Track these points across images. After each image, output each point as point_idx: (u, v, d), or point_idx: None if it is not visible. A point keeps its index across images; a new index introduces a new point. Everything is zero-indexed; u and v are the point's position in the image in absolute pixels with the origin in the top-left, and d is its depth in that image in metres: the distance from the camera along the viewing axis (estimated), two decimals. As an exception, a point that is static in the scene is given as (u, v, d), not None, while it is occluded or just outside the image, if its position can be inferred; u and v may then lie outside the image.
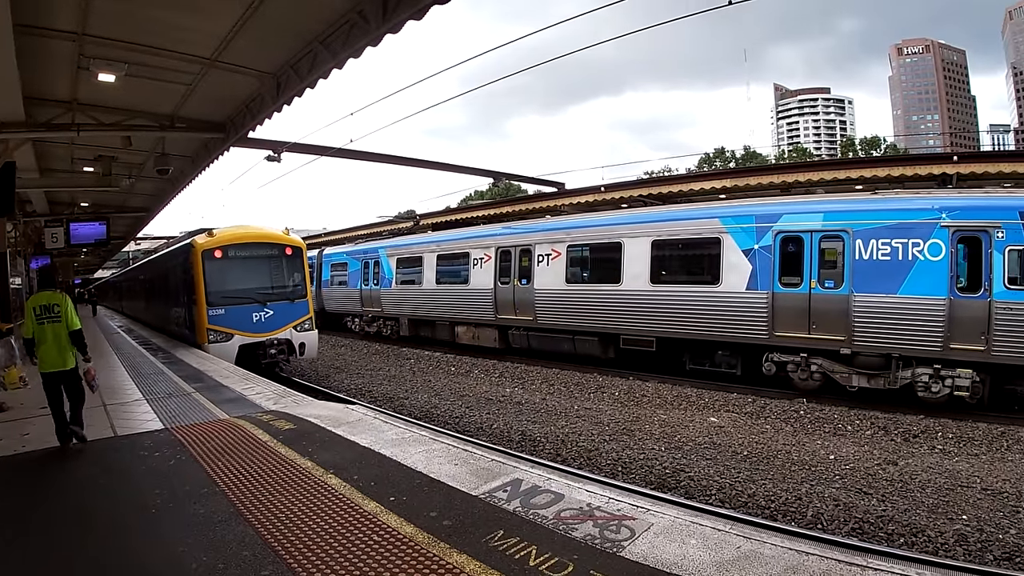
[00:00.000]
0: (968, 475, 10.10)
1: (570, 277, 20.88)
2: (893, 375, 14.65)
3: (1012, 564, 7.27)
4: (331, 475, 7.09)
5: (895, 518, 8.39)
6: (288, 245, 20.49)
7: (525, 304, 22.07)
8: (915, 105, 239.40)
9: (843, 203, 16.12)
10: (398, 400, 16.22)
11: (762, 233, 16.32)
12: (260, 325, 19.00)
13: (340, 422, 9.80)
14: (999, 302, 13.32)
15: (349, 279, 33.07)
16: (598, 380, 18.32)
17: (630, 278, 18.98)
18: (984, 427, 12.94)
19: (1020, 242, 13.22)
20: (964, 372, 13.76)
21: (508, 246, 23.03)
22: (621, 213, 22.29)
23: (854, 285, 14.84)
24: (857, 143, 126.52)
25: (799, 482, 9.83)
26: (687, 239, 18.14)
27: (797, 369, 16.06)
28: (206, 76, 13.14)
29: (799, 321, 15.64)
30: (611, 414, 14.33)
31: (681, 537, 5.51)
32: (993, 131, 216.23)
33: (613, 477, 10.08)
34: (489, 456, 7.98)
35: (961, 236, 13.84)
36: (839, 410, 14.47)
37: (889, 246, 14.46)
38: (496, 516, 5.91)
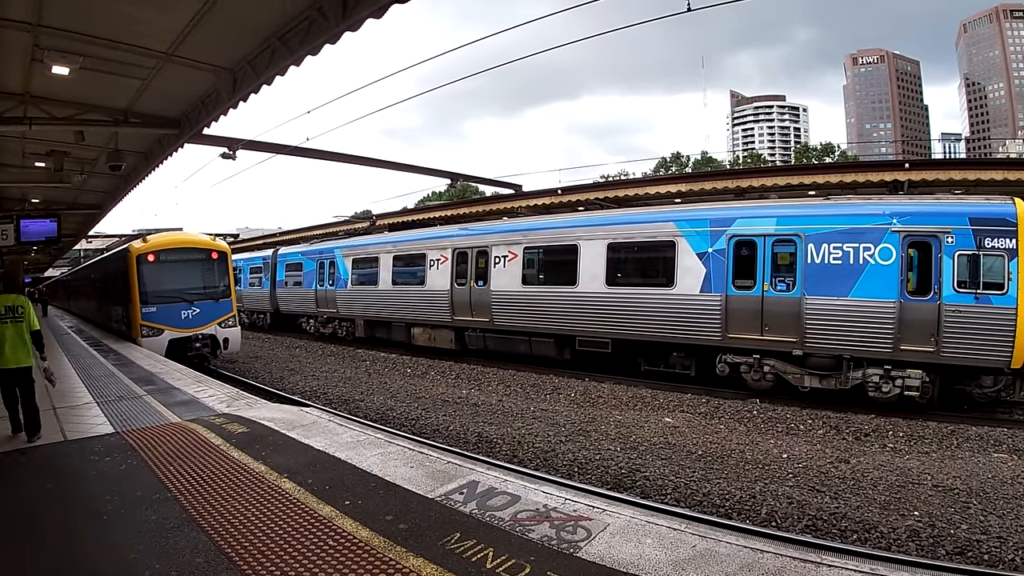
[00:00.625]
0: (919, 472, 10.31)
1: (526, 279, 20.89)
2: (844, 376, 14.99)
3: (964, 559, 7.44)
4: (285, 479, 7.02)
5: (848, 515, 8.54)
6: (213, 250, 22.36)
7: (481, 306, 22.05)
8: (868, 113, 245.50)
9: (796, 208, 16.44)
10: (354, 402, 16.09)
11: (716, 237, 16.53)
12: (187, 321, 20.94)
13: (294, 425, 9.71)
14: (948, 305, 13.70)
15: (304, 279, 32.67)
16: (554, 381, 18.37)
17: (586, 280, 19.07)
18: (934, 426, 13.29)
19: (970, 247, 13.61)
20: (914, 372, 14.17)
21: (465, 247, 22.98)
22: (577, 216, 22.42)
23: (806, 288, 15.13)
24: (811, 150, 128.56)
25: (753, 481, 9.95)
26: (643, 242, 18.27)
27: (750, 370, 16.29)
28: (162, 70, 12.89)
29: (752, 323, 15.88)
30: (567, 415, 14.35)
31: (637, 537, 5.56)
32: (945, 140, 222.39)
33: (570, 478, 10.09)
34: (445, 458, 7.95)
35: (912, 241, 14.20)
36: (792, 410, 14.72)
37: (841, 250, 14.78)
38: (453, 519, 5.90)
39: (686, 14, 11.59)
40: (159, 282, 21.00)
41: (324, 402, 16.03)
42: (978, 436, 12.68)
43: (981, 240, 13.56)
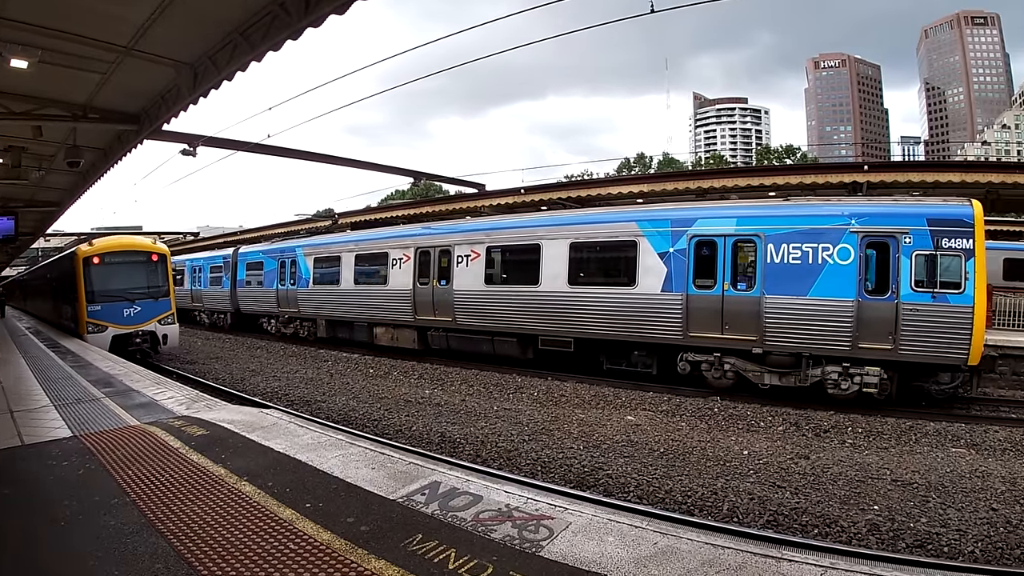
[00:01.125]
0: (878, 467, 10.51)
1: (489, 278, 20.89)
2: (804, 373, 15.22)
3: (924, 551, 7.58)
4: (245, 482, 6.93)
5: (808, 510, 8.65)
6: (154, 253, 24.21)
7: (444, 305, 22.00)
8: (829, 116, 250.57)
9: (756, 209, 16.67)
10: (315, 403, 15.96)
11: (677, 237, 16.68)
12: (129, 319, 22.71)
13: (254, 427, 9.60)
14: (906, 303, 14.00)
15: (265, 279, 32.30)
16: (517, 381, 18.41)
17: (548, 279, 19.12)
18: (893, 422, 13.60)
19: (927, 247, 13.93)
20: (872, 370, 14.48)
21: (427, 246, 22.90)
22: (540, 215, 22.48)
23: (766, 287, 15.34)
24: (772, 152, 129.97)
25: (714, 477, 10.05)
26: (605, 242, 18.38)
27: (711, 368, 16.47)
28: (122, 65, 12.67)
29: (713, 322, 16.04)
30: (530, 414, 14.39)
31: (599, 535, 5.58)
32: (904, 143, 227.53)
33: (533, 477, 10.09)
34: (407, 459, 7.92)
35: (870, 241, 14.49)
36: (752, 407, 14.94)
37: (800, 250, 15.01)
38: (415, 520, 5.88)
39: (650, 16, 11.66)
40: (104, 282, 22.78)
41: (286, 403, 15.88)
42: (936, 431, 12.99)
43: (938, 240, 13.85)
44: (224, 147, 22.72)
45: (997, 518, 8.39)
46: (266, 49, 11.16)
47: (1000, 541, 7.74)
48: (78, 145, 17.22)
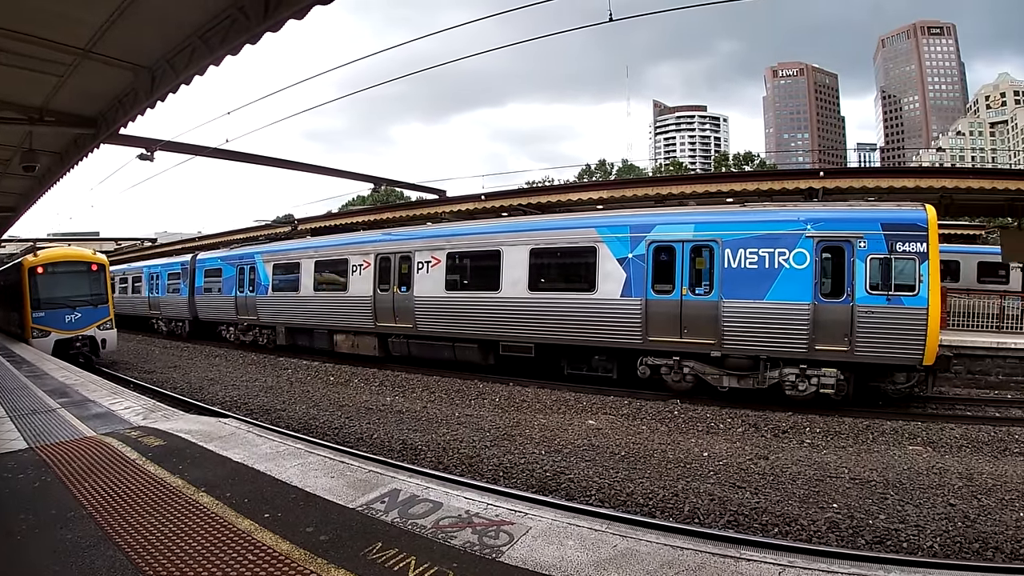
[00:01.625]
0: (837, 466, 10.68)
1: (450, 284, 20.82)
2: (762, 375, 15.47)
3: (883, 547, 7.71)
4: (203, 493, 6.87)
5: (769, 509, 8.74)
6: (93, 263, 25.49)
7: (405, 312, 21.89)
8: (787, 124, 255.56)
9: (713, 215, 16.88)
10: (275, 412, 15.76)
11: (636, 242, 16.83)
12: (71, 324, 23.92)
13: (212, 437, 9.51)
14: (861, 306, 14.30)
15: (224, 286, 31.88)
16: (479, 387, 18.38)
17: (509, 285, 19.14)
18: (850, 421, 13.87)
19: (882, 251, 14.26)
20: (829, 371, 14.75)
21: (388, 253, 22.76)
22: (501, 221, 22.51)
23: (723, 292, 15.55)
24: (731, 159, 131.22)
25: (675, 479, 10.11)
26: (564, 248, 18.45)
27: (670, 372, 16.62)
28: (79, 67, 12.45)
29: (671, 326, 16.20)
30: (492, 420, 14.37)
31: (559, 539, 5.63)
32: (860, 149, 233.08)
33: (495, 482, 10.07)
34: (367, 467, 7.93)
35: (825, 246, 14.76)
36: (711, 409, 15.11)
37: (757, 255, 15.24)
38: (374, 528, 5.88)
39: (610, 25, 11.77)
40: (47, 290, 24.16)
41: (245, 412, 15.70)
42: (893, 430, 13.26)
43: (893, 244, 14.18)
44: (182, 152, 22.46)
45: (955, 513, 8.56)
46: (224, 53, 11.06)
47: (958, 535, 7.90)
48: (34, 149, 16.92)
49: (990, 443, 12.50)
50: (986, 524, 8.23)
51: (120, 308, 43.60)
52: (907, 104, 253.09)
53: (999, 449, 12.15)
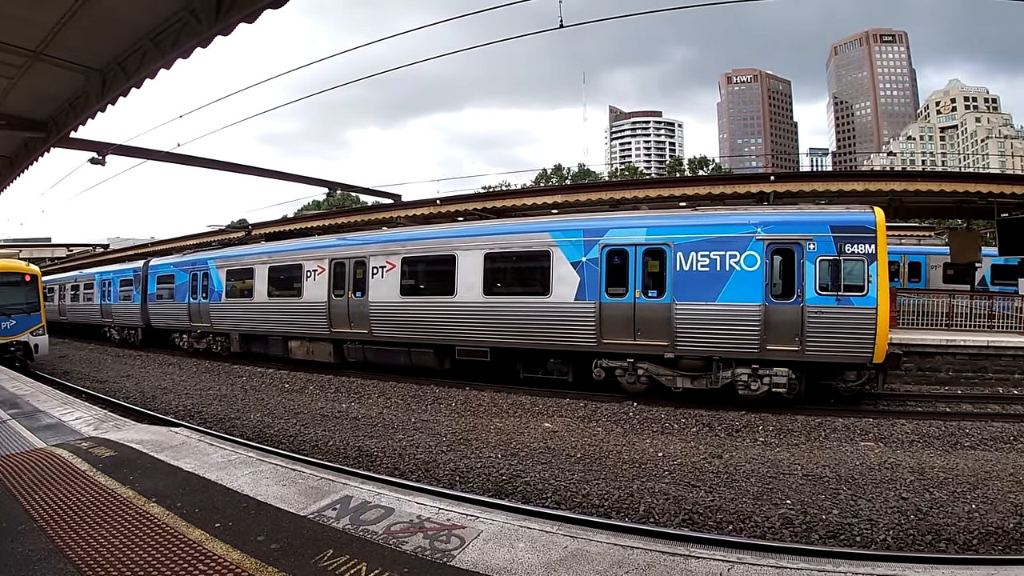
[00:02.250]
0: (790, 463, 10.83)
1: (405, 289, 20.67)
2: (715, 376, 15.69)
3: (837, 541, 7.83)
4: (153, 504, 6.77)
5: (723, 507, 8.82)
6: (27, 273, 26.30)
7: (360, 317, 21.75)
8: (741, 129, 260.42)
9: (666, 219, 17.07)
10: (229, 420, 15.56)
11: (590, 246, 16.93)
12: (5, 331, 24.51)
13: (163, 446, 9.37)
14: (811, 307, 14.58)
15: (176, 292, 31.33)
16: (435, 392, 18.28)
17: (464, 290, 19.10)
18: (802, 419, 14.13)
19: (831, 253, 14.54)
20: (781, 370, 15.01)
21: (342, 258, 22.57)
22: (456, 226, 22.41)
23: (676, 294, 15.72)
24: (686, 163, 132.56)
25: (630, 479, 10.16)
26: (519, 252, 18.49)
27: (625, 374, 16.73)
28: (30, 69, 12.28)
29: (625, 329, 16.32)
30: (448, 425, 14.32)
31: (510, 542, 5.66)
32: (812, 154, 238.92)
33: (451, 487, 10.03)
34: (319, 474, 7.88)
35: (776, 248, 15.01)
36: (665, 410, 15.23)
37: (708, 258, 15.45)
38: (325, 535, 5.86)
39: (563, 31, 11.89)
40: None
41: (199, 421, 15.48)
42: (845, 427, 13.54)
43: (842, 246, 14.46)
44: (134, 156, 22.25)
45: (907, 506, 8.73)
46: (176, 56, 10.97)
47: (911, 528, 8.06)
48: (-17, 153, 16.67)
49: (941, 438, 12.81)
50: (938, 516, 8.39)
51: (72, 316, 43.01)
52: (859, 110, 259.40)
53: (950, 443, 12.46)
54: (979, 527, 8.04)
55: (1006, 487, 9.51)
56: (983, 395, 17.60)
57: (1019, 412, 15.44)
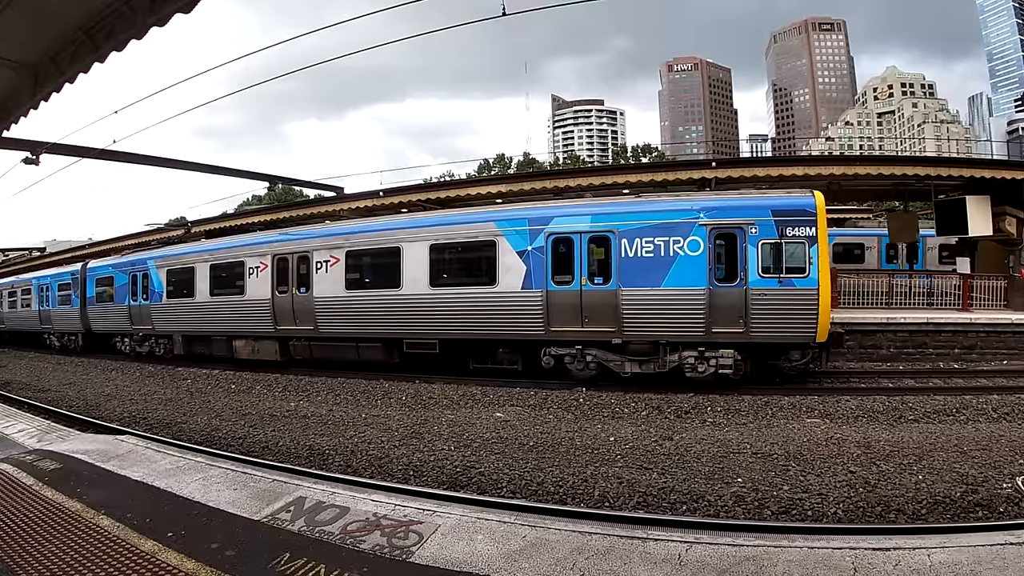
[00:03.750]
0: (739, 443, 11.03)
1: (350, 283, 20.48)
2: (662, 360, 15.94)
3: (789, 516, 8.00)
4: (103, 516, 6.60)
5: (676, 488, 8.91)
6: None
7: (305, 313, 21.46)
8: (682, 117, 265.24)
9: (609, 206, 17.21)
10: (176, 425, 15.21)
11: (535, 235, 16.99)
12: None
13: (110, 456, 9.14)
14: (754, 289, 14.91)
15: (116, 294, 30.44)
16: (384, 386, 18.17)
17: (410, 282, 18.99)
18: (749, 399, 14.44)
19: (772, 236, 14.90)
20: (727, 352, 15.35)
21: (285, 253, 22.21)
22: (400, 218, 22.34)
23: (621, 281, 15.91)
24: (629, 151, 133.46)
25: (584, 465, 10.21)
26: (464, 242, 18.45)
27: (574, 361, 16.88)
28: (-44, 66, 11.92)
29: (573, 316, 16.45)
30: (399, 419, 14.23)
31: (468, 534, 5.68)
32: (752, 140, 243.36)
33: (405, 482, 9.95)
34: (271, 476, 7.81)
35: (719, 233, 15.31)
36: (615, 395, 15.41)
37: (652, 244, 15.68)
38: (281, 539, 5.81)
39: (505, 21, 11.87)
40: None
41: (145, 427, 15.12)
42: (791, 405, 13.88)
43: (783, 229, 14.82)
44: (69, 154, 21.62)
45: (856, 480, 8.94)
46: (110, 49, 10.68)
47: (861, 501, 8.23)
48: (-89, 155, 16.08)
49: (885, 412, 13.18)
50: (887, 488, 8.60)
51: (10, 324, 41.85)
52: (797, 97, 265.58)
53: (894, 417, 12.83)
54: (927, 497, 8.25)
55: (951, 458, 9.81)
56: (924, 370, 18.20)
57: (960, 386, 15.96)
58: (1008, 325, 20.32)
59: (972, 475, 8.95)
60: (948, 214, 24.05)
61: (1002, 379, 16.80)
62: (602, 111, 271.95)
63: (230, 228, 34.49)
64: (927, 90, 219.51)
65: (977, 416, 12.88)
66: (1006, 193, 22.90)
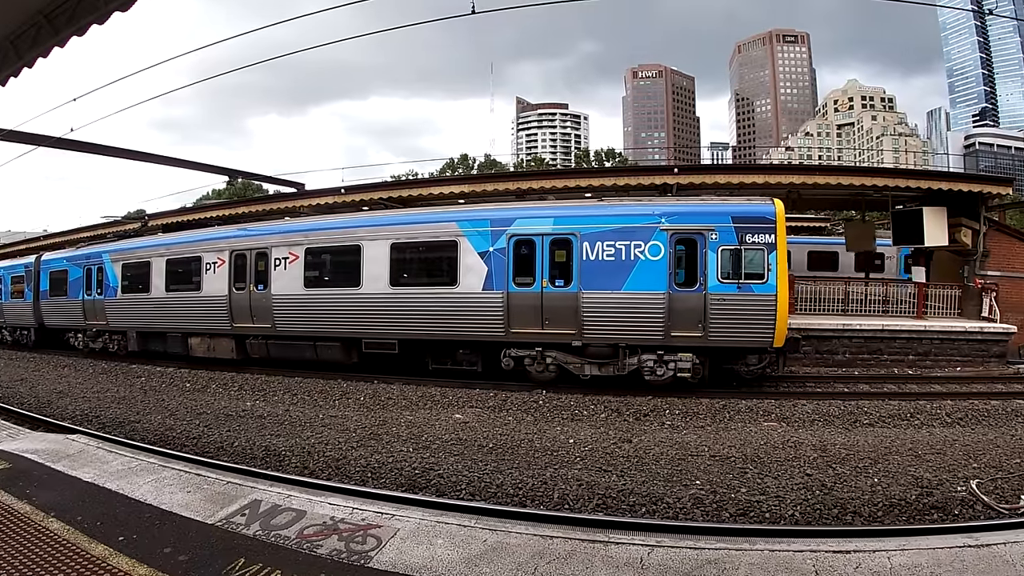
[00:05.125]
0: (697, 445, 11.16)
1: (309, 281, 20.24)
2: (622, 363, 16.06)
3: (747, 519, 8.06)
4: (53, 519, 6.43)
5: (635, 490, 8.97)
6: None
7: (262, 311, 21.16)
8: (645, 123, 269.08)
9: (572, 209, 17.42)
10: (129, 424, 14.90)
11: (497, 236, 16.98)
12: None
13: (60, 456, 8.94)
14: (713, 294, 15.09)
15: (70, 288, 29.65)
16: (342, 386, 18.03)
17: (370, 281, 18.84)
18: (707, 402, 14.60)
19: (732, 242, 15.10)
20: (685, 356, 15.50)
21: (243, 249, 21.86)
22: (361, 216, 22.19)
23: (582, 283, 15.99)
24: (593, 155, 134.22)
25: (543, 467, 10.23)
26: (426, 242, 18.36)
27: (534, 363, 16.90)
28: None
29: (533, 318, 16.48)
30: (357, 420, 14.13)
31: (428, 539, 5.64)
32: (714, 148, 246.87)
33: (363, 484, 9.89)
34: (225, 478, 7.69)
35: (679, 238, 15.48)
36: (574, 397, 15.51)
37: (614, 247, 15.78)
38: (235, 543, 5.71)
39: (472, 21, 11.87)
40: None
41: (97, 426, 14.82)
42: (748, 408, 14.11)
43: (743, 236, 15.04)
44: (24, 142, 21.13)
45: (812, 482, 9.08)
46: (71, 34, 10.44)
47: (817, 503, 8.36)
48: None
49: (841, 416, 13.48)
50: (843, 491, 8.75)
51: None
52: (759, 107, 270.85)
53: (849, 421, 13.11)
54: (882, 499, 8.41)
55: (906, 461, 10.03)
56: (880, 376, 18.60)
57: (914, 391, 16.33)
58: (961, 333, 20.87)
59: (927, 478, 9.15)
60: (905, 224, 24.44)
61: (955, 385, 17.22)
62: (566, 115, 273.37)
63: (188, 222, 33.96)
64: (887, 103, 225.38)
65: (931, 421, 13.23)
66: (962, 205, 23.36)
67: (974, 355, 20.80)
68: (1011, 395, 15.79)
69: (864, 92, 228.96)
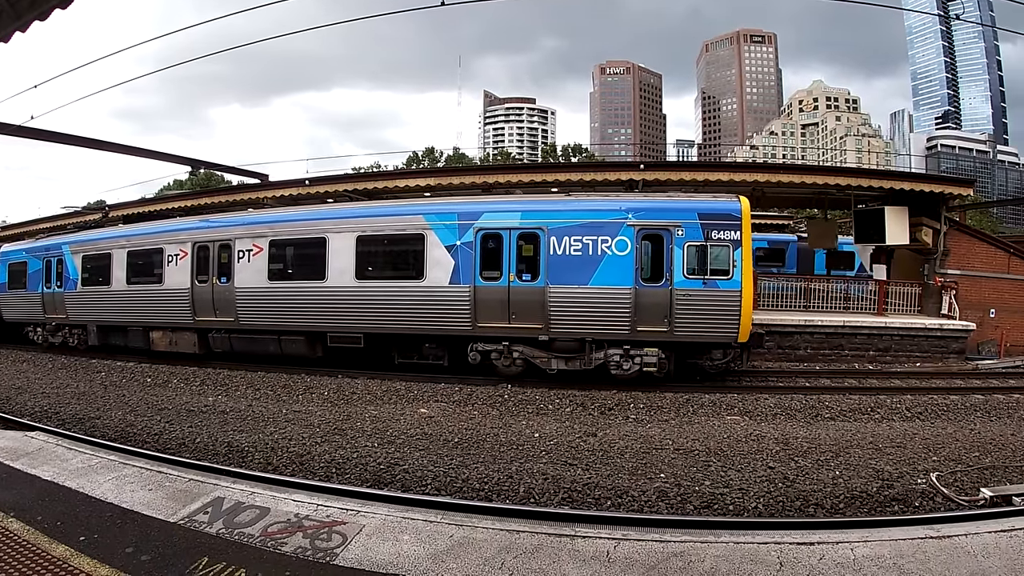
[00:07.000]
0: (661, 439, 11.25)
1: (273, 274, 20.00)
2: (588, 357, 16.15)
3: (711, 511, 8.16)
4: (12, 519, 6.28)
5: (600, 484, 9.02)
6: None
7: (226, 304, 20.91)
8: (612, 119, 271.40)
9: (539, 203, 17.39)
10: (89, 420, 14.65)
11: (464, 230, 16.94)
12: None
13: (19, 453, 8.72)
14: (679, 290, 15.27)
15: (29, 281, 28.92)
16: (306, 381, 17.90)
17: (335, 274, 18.70)
18: (671, 396, 14.81)
19: (698, 239, 15.28)
20: (651, 350, 15.65)
21: (206, 241, 21.54)
22: (326, 208, 22.08)
23: (549, 278, 16.04)
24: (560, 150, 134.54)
25: (509, 461, 10.25)
26: (392, 235, 18.27)
27: (500, 357, 16.95)
28: None
29: (500, 312, 16.49)
30: (322, 415, 14.05)
31: (394, 535, 5.61)
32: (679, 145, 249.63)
33: (328, 480, 9.81)
34: (187, 475, 7.56)
35: (646, 234, 15.61)
36: (540, 391, 15.61)
37: (581, 242, 15.85)
38: (198, 542, 5.63)
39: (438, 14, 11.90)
40: None
41: (57, 423, 14.57)
42: (712, 403, 14.30)
43: (709, 232, 15.21)
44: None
45: (775, 475, 9.21)
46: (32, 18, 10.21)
47: (780, 495, 8.49)
48: None
49: (802, 410, 13.69)
50: (805, 483, 8.90)
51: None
52: (725, 105, 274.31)
53: (811, 416, 13.32)
54: (844, 492, 8.56)
55: (867, 454, 10.22)
56: (841, 371, 18.90)
57: (875, 386, 16.64)
58: (921, 329, 21.30)
59: (888, 471, 9.33)
60: (867, 223, 24.87)
61: (915, 380, 17.59)
62: (533, 110, 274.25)
63: (150, 213, 33.49)
64: (851, 104, 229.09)
65: (891, 415, 13.49)
66: (923, 205, 23.85)
67: (934, 351, 21.25)
68: (969, 390, 16.16)
69: (829, 93, 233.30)
